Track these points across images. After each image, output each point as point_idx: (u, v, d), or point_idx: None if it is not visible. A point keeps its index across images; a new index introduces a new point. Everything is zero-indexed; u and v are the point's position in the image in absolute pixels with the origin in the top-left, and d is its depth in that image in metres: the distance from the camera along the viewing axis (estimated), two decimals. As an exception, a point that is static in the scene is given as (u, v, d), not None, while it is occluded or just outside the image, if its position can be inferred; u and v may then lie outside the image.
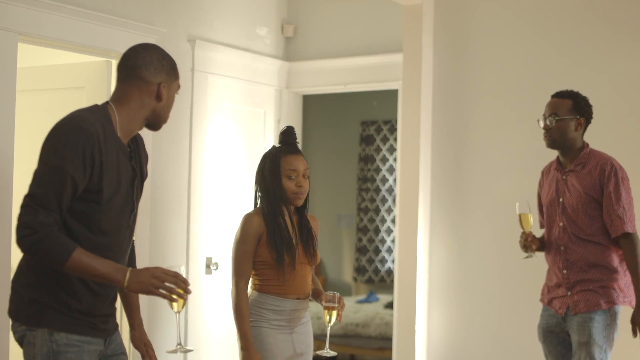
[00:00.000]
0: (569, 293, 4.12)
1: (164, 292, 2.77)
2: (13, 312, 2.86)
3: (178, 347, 3.10)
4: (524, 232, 4.24)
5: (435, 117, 5.91)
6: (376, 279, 9.52)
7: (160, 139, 5.40)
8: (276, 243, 3.67)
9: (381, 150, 9.48)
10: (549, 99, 4.27)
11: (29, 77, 5.26)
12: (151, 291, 2.76)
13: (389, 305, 8.27)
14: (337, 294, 3.64)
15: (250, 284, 3.80)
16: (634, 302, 4.05)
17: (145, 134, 5.23)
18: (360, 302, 8.82)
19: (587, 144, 4.20)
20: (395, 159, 9.25)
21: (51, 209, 2.69)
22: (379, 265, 9.49)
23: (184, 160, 5.61)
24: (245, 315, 3.67)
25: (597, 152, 4.19)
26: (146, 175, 3.12)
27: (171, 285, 2.77)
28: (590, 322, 4.04)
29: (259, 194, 3.81)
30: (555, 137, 4.15)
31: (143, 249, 5.23)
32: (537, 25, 5.61)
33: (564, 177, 4.19)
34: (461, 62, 5.87)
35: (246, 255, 3.71)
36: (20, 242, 2.69)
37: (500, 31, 5.75)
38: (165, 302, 2.87)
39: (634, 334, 4.01)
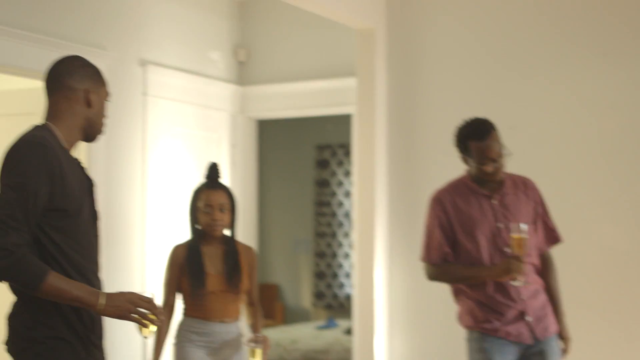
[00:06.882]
0: None
1: (136, 317, 2.76)
2: (16, 353, 2.77)
3: None
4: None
5: (391, 141, 5.90)
6: (335, 304, 9.46)
7: (113, 164, 5.33)
8: (188, 272, 4.06)
9: (337, 174, 9.46)
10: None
11: (-23, 103, 5.17)
12: (126, 316, 2.74)
13: (349, 332, 8.21)
14: (262, 336, 3.87)
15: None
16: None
17: (98, 159, 5.19)
18: (319, 328, 8.75)
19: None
20: (350, 183, 9.23)
21: (21, 229, 2.63)
22: (338, 291, 9.44)
23: (137, 186, 5.53)
24: (157, 331, 3.87)
25: None
26: None
27: (144, 311, 2.76)
28: None
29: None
30: None
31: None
32: (491, 48, 5.63)
33: None
34: (415, 85, 5.87)
35: (168, 283, 4.13)
36: None
37: (453, 54, 5.76)
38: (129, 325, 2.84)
39: None
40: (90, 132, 2.97)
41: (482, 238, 3.96)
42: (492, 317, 3.93)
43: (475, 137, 3.98)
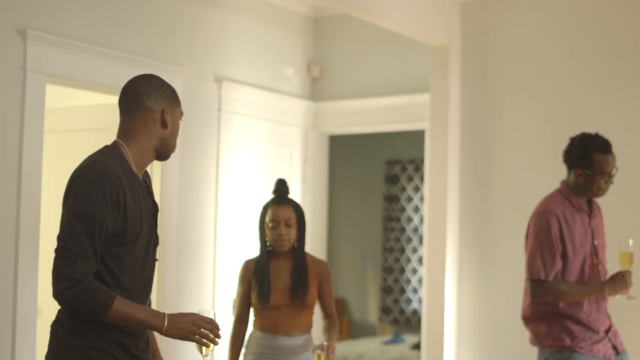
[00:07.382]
0: None
1: (198, 338, 2.83)
2: (53, 358, 2.80)
3: None
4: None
5: (463, 157, 5.87)
6: (401, 319, 9.40)
7: (187, 178, 5.39)
8: (255, 285, 4.19)
9: (406, 189, 9.42)
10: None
11: (57, 117, 5.28)
12: (188, 337, 2.81)
13: (416, 347, 8.16)
14: (327, 343, 3.96)
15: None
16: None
17: (173, 174, 5.26)
18: (386, 343, 8.71)
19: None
20: (420, 199, 9.18)
21: (88, 258, 2.68)
22: (404, 306, 9.38)
23: (211, 201, 5.59)
24: (232, 343, 4.24)
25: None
26: None
27: (206, 331, 2.83)
28: None
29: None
30: None
31: (170, 291, 5.20)
32: (565, 65, 5.57)
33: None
34: (488, 101, 5.83)
35: (239, 296, 4.28)
36: (61, 295, 2.66)
37: (527, 71, 5.71)
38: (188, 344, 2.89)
39: None
40: (163, 152, 2.97)
41: (586, 255, 4.01)
42: (586, 336, 3.94)
43: (602, 150, 4.01)
